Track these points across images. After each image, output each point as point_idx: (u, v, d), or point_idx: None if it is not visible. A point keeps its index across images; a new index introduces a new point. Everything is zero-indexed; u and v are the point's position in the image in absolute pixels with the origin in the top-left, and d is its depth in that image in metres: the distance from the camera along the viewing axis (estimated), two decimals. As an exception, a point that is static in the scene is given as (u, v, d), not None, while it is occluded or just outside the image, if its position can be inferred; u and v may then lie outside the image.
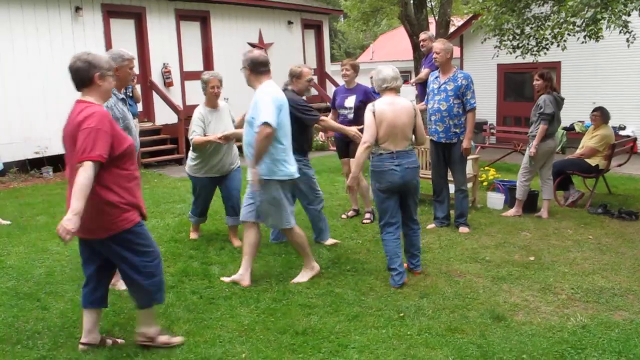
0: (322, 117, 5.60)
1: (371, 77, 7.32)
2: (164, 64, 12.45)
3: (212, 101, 5.56)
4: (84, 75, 3.37)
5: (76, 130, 3.21)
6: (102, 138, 3.19)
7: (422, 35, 8.83)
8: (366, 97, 6.50)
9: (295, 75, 5.40)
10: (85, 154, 3.13)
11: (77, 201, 3.09)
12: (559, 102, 6.82)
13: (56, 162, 10.54)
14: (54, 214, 7.43)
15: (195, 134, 5.44)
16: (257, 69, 4.65)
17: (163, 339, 3.69)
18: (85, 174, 3.11)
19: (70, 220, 3.05)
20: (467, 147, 6.20)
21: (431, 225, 6.41)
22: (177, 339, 3.75)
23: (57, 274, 5.10)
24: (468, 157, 6.49)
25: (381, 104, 4.71)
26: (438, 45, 6.30)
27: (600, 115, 7.54)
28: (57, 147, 10.52)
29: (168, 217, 7.17)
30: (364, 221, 6.66)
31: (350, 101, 6.62)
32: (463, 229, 6.24)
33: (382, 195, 4.74)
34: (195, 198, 5.91)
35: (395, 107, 4.69)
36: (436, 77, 6.37)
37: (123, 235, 3.39)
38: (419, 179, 4.97)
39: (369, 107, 4.77)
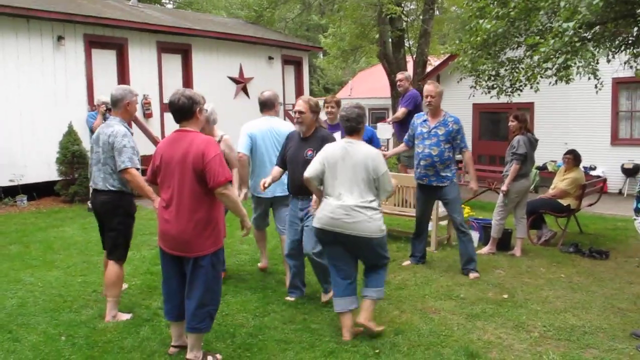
0: None
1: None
2: (145, 95, 12.48)
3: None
4: (188, 110, 3.81)
5: (199, 158, 3.64)
6: (223, 161, 3.76)
7: (399, 75, 9.03)
8: None
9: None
10: (223, 176, 3.66)
11: (242, 210, 3.88)
12: (532, 143, 7.02)
13: (31, 191, 10.43)
14: (28, 243, 7.34)
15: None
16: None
17: None
18: (231, 190, 3.79)
19: (248, 221, 3.98)
20: (475, 188, 6.40)
21: (407, 262, 6.45)
22: None
23: (29, 305, 5.03)
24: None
25: None
26: (431, 88, 6.07)
27: (573, 158, 7.76)
28: (33, 175, 10.46)
29: (144, 249, 7.12)
30: None
31: (338, 138, 6.47)
32: (474, 275, 5.97)
33: None
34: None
35: None
36: (424, 121, 6.20)
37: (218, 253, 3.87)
38: None
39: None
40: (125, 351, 4.10)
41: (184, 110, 3.80)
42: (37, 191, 10.60)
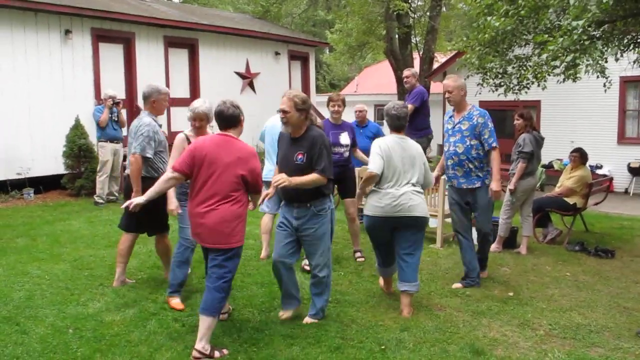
0: None
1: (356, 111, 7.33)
2: (151, 89, 12.49)
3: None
4: (235, 119, 4.20)
5: (245, 162, 4.06)
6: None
7: (406, 72, 9.00)
8: (353, 134, 6.51)
9: None
10: (261, 186, 4.22)
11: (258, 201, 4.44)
12: (539, 141, 7.01)
13: (37, 184, 10.47)
14: (34, 236, 7.38)
15: None
16: None
17: None
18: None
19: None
20: (497, 189, 5.48)
21: (457, 285, 5.65)
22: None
23: (37, 298, 5.06)
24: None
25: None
26: (448, 82, 5.62)
27: (579, 156, 7.75)
28: (40, 169, 10.50)
29: (151, 243, 7.12)
30: (358, 260, 6.50)
31: (345, 138, 6.34)
32: (483, 273, 5.85)
33: None
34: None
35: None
36: (450, 117, 5.77)
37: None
38: None
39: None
40: (132, 345, 4.13)
41: (233, 119, 4.18)
42: (43, 185, 10.64)
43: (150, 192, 4.26)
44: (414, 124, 8.03)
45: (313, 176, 4.34)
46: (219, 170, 3.99)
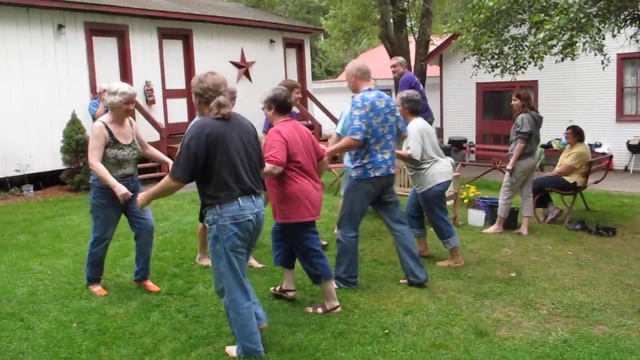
0: None
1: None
2: (147, 82, 12.44)
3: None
4: (289, 103, 4.54)
5: (312, 140, 4.58)
6: None
7: (393, 62, 8.78)
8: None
9: None
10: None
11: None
12: (537, 121, 6.98)
13: (37, 180, 10.46)
14: (35, 232, 7.38)
15: None
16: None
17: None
18: None
19: None
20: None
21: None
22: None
23: (40, 294, 5.06)
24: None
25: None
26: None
27: (572, 133, 7.74)
28: (38, 165, 10.48)
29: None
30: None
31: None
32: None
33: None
34: None
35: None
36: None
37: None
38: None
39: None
40: (136, 337, 4.14)
41: (288, 103, 4.52)
42: (43, 180, 10.62)
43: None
44: None
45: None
46: (307, 150, 4.47)
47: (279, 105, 4.49)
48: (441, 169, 5.60)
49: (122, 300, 4.84)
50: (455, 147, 14.55)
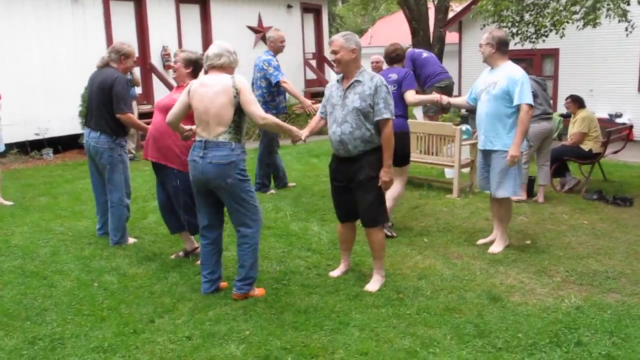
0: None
1: None
2: (163, 46, 12.43)
3: None
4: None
5: None
6: None
7: (374, 57, 8.20)
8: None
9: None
10: None
11: None
12: (539, 83, 6.90)
13: (56, 144, 10.58)
14: (56, 195, 7.51)
15: None
16: (503, 48, 5.04)
17: None
18: None
19: None
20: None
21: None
22: None
23: (61, 253, 5.18)
24: (465, 143, 6.42)
25: (196, 84, 4.13)
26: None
27: (572, 101, 7.66)
28: (57, 129, 10.59)
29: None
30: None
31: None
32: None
33: (195, 191, 4.23)
34: None
35: (207, 88, 4.01)
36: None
37: None
38: (238, 179, 4.00)
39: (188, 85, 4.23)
40: (156, 296, 4.24)
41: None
42: (62, 144, 10.75)
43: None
44: (421, 78, 7.87)
45: None
46: None
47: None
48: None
49: (142, 262, 4.94)
50: (472, 115, 14.40)
